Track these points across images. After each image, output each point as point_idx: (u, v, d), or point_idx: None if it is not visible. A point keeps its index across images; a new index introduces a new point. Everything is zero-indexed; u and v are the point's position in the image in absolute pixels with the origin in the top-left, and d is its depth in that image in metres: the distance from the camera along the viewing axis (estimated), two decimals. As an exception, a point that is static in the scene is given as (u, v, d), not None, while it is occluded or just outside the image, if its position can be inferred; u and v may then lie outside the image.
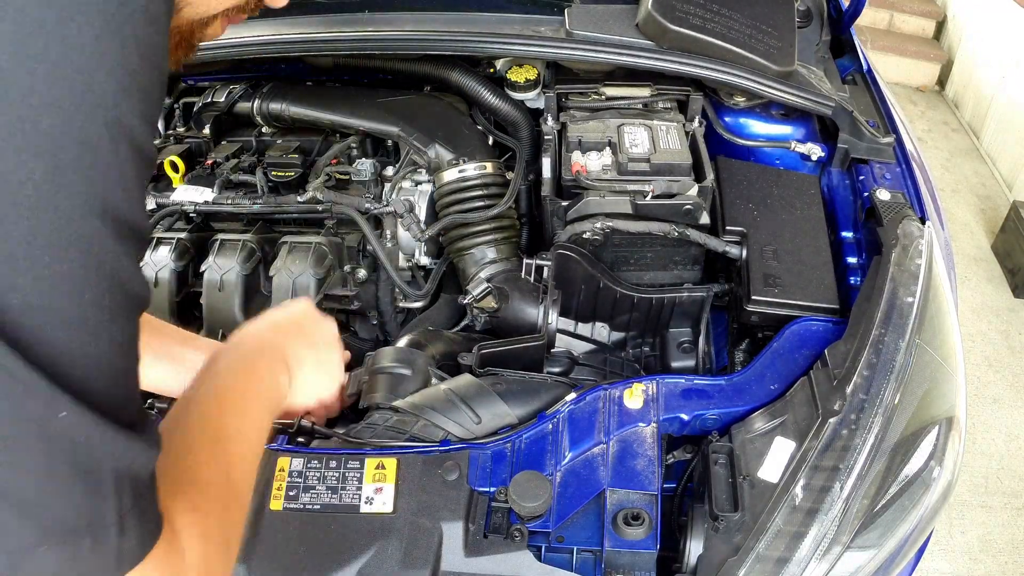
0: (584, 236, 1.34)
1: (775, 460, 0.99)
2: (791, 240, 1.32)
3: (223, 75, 1.87)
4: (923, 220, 1.27)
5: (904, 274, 1.14)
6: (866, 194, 1.35)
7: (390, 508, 0.96)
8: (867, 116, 1.53)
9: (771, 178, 1.45)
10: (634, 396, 1.08)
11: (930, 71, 4.79)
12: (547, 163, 1.42)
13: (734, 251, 1.33)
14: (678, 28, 1.44)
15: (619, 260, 1.41)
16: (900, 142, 1.49)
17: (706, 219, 1.36)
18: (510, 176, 1.53)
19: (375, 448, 1.03)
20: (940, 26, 4.85)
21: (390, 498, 0.97)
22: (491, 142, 1.61)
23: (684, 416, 1.08)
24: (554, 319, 1.30)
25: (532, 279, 1.38)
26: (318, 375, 0.96)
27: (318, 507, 0.97)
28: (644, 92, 1.55)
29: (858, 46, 1.80)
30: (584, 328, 1.44)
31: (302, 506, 0.97)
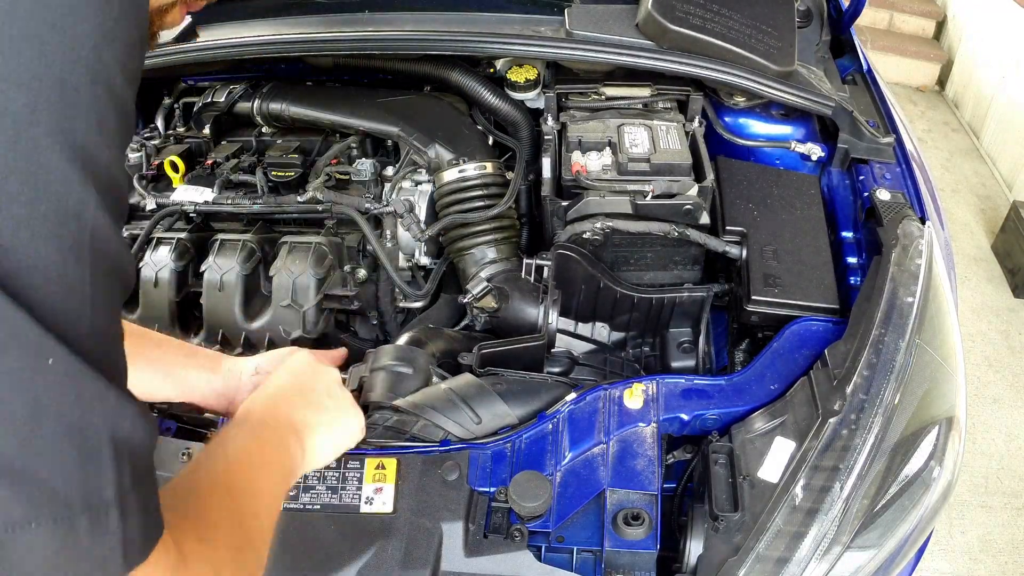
0: (584, 236, 1.34)
1: (775, 460, 0.99)
2: (791, 240, 1.32)
3: (223, 75, 1.87)
4: (923, 220, 1.27)
5: (904, 274, 1.14)
6: (866, 194, 1.35)
7: (390, 508, 0.96)
8: (867, 116, 1.53)
9: (771, 178, 1.45)
10: (634, 396, 1.08)
11: (930, 71, 4.79)
12: (547, 163, 1.42)
13: (734, 251, 1.33)
14: (678, 28, 1.44)
15: (619, 260, 1.41)
16: (900, 142, 1.49)
17: (706, 219, 1.36)
18: (510, 176, 1.53)
19: (375, 448, 1.03)
20: (940, 26, 4.84)
21: (390, 498, 0.97)
22: (491, 142, 1.61)
23: (684, 416, 1.08)
24: (554, 319, 1.30)
25: (532, 279, 1.38)
26: (332, 434, 0.90)
27: (318, 507, 0.97)
28: (644, 92, 1.55)
29: (858, 46, 1.80)
30: (584, 328, 1.44)
31: (302, 506, 0.97)
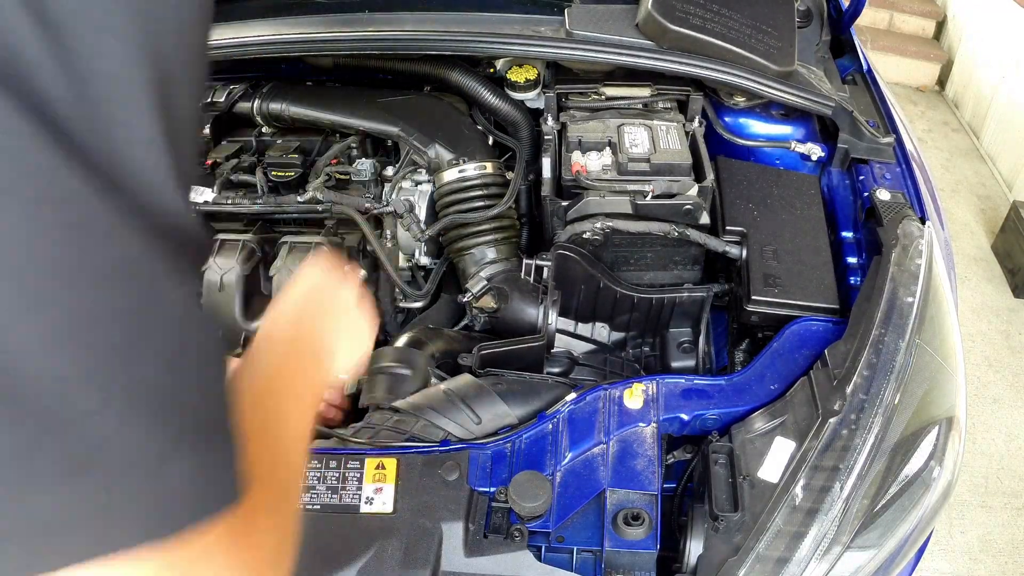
0: (584, 236, 1.34)
1: (775, 460, 0.99)
2: (791, 240, 1.32)
3: (223, 75, 1.87)
4: (923, 220, 1.27)
5: (904, 274, 1.14)
6: (866, 194, 1.35)
7: (390, 508, 0.96)
8: (867, 116, 1.53)
9: (771, 178, 1.45)
10: (634, 396, 1.08)
11: (930, 71, 4.78)
12: (547, 163, 1.42)
13: (734, 251, 1.33)
14: (678, 28, 1.44)
15: (619, 260, 1.41)
16: (900, 142, 1.49)
17: (706, 219, 1.36)
18: (510, 176, 1.53)
19: (375, 448, 1.03)
20: (940, 26, 4.84)
21: (390, 498, 0.97)
22: (491, 142, 1.61)
23: (684, 416, 1.08)
24: (554, 319, 1.30)
25: (532, 279, 1.38)
26: (352, 347, 0.94)
27: (318, 507, 0.97)
28: (644, 92, 1.55)
29: (858, 46, 1.80)
30: (584, 328, 1.44)
31: (302, 506, 0.97)
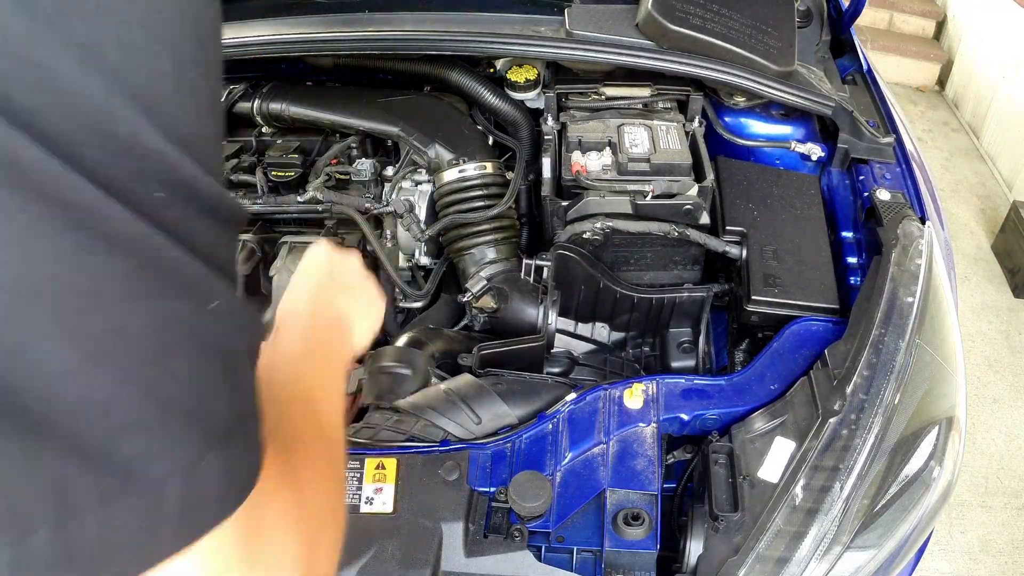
0: (584, 236, 1.34)
1: (775, 460, 0.99)
2: (791, 240, 1.32)
3: (223, 75, 1.86)
4: (923, 220, 1.27)
5: (904, 274, 1.14)
6: (866, 194, 1.35)
7: (390, 508, 0.96)
8: (867, 116, 1.53)
9: (771, 178, 1.45)
10: (634, 396, 1.08)
11: (930, 71, 4.79)
12: (547, 163, 1.42)
13: (734, 251, 1.33)
14: (678, 28, 1.44)
15: (619, 260, 1.41)
16: (900, 142, 1.49)
17: (706, 219, 1.36)
18: (510, 176, 1.53)
19: (375, 448, 1.03)
20: (940, 26, 4.84)
21: (390, 498, 0.97)
22: (491, 142, 1.61)
23: (684, 416, 1.08)
24: (554, 319, 1.30)
25: (532, 279, 1.38)
26: (369, 318, 0.95)
27: (318, 507, 0.97)
28: (644, 92, 1.55)
29: (858, 46, 1.80)
30: (584, 328, 1.44)
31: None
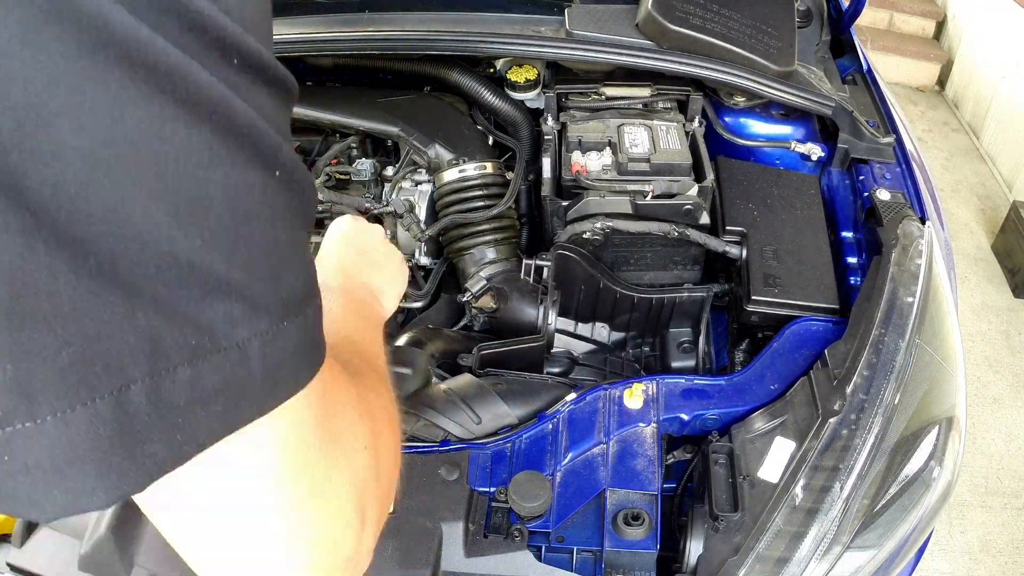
0: (584, 236, 1.34)
1: (775, 460, 0.99)
2: (791, 240, 1.32)
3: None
4: (923, 220, 1.27)
5: (904, 274, 1.14)
6: (866, 194, 1.35)
7: (390, 508, 0.96)
8: (867, 116, 1.53)
9: (771, 178, 1.45)
10: (634, 396, 1.08)
11: (930, 71, 4.79)
12: (547, 163, 1.42)
13: (734, 251, 1.33)
14: (678, 28, 1.44)
15: (619, 260, 1.41)
16: (900, 142, 1.49)
17: (706, 219, 1.36)
18: (510, 176, 1.53)
19: (375, 448, 1.03)
20: (940, 26, 4.84)
21: (390, 498, 0.97)
22: (491, 142, 1.61)
23: (684, 416, 1.08)
24: (553, 319, 1.30)
25: (532, 279, 1.38)
26: (396, 286, 0.96)
27: (318, 507, 0.97)
28: (644, 92, 1.55)
29: (858, 46, 1.80)
30: (584, 328, 1.44)
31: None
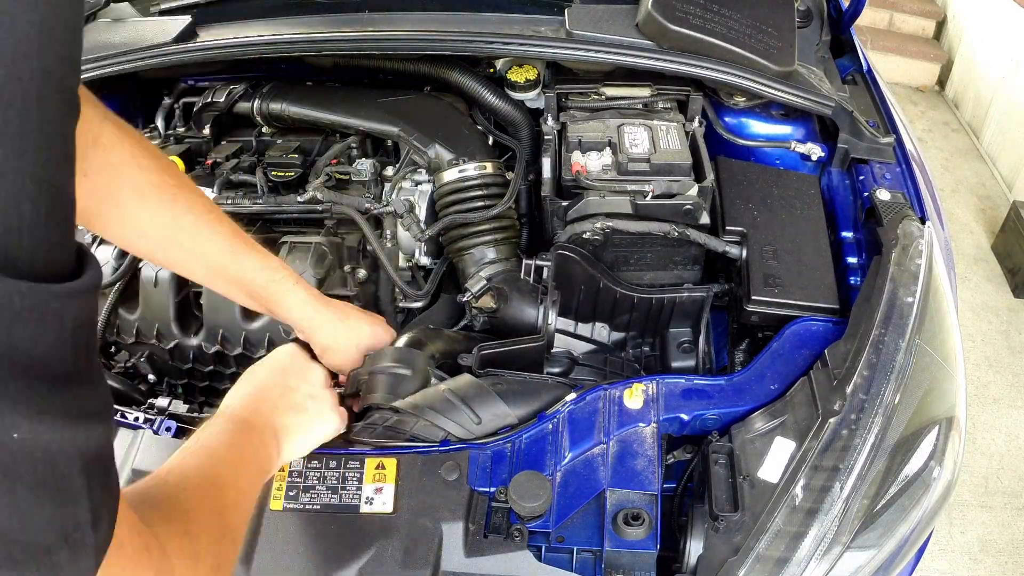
0: (584, 236, 1.34)
1: (775, 460, 0.99)
2: (791, 240, 1.32)
3: (223, 75, 1.87)
4: (923, 220, 1.27)
5: (904, 274, 1.14)
6: (866, 194, 1.35)
7: (390, 508, 0.96)
8: (867, 116, 1.53)
9: (771, 178, 1.45)
10: (634, 396, 1.08)
11: (930, 71, 4.79)
12: (547, 163, 1.42)
13: (734, 251, 1.33)
14: (678, 28, 1.44)
15: (619, 260, 1.41)
16: (900, 142, 1.49)
17: (706, 219, 1.36)
18: (510, 176, 1.53)
19: (375, 448, 1.03)
20: (940, 26, 4.84)
21: (390, 498, 0.97)
22: (491, 142, 1.61)
23: (684, 416, 1.08)
24: (553, 319, 1.30)
25: (532, 279, 1.38)
26: (308, 435, 0.97)
27: (318, 507, 0.97)
28: (644, 92, 1.55)
29: (858, 46, 1.80)
30: (584, 328, 1.44)
31: (302, 506, 0.97)
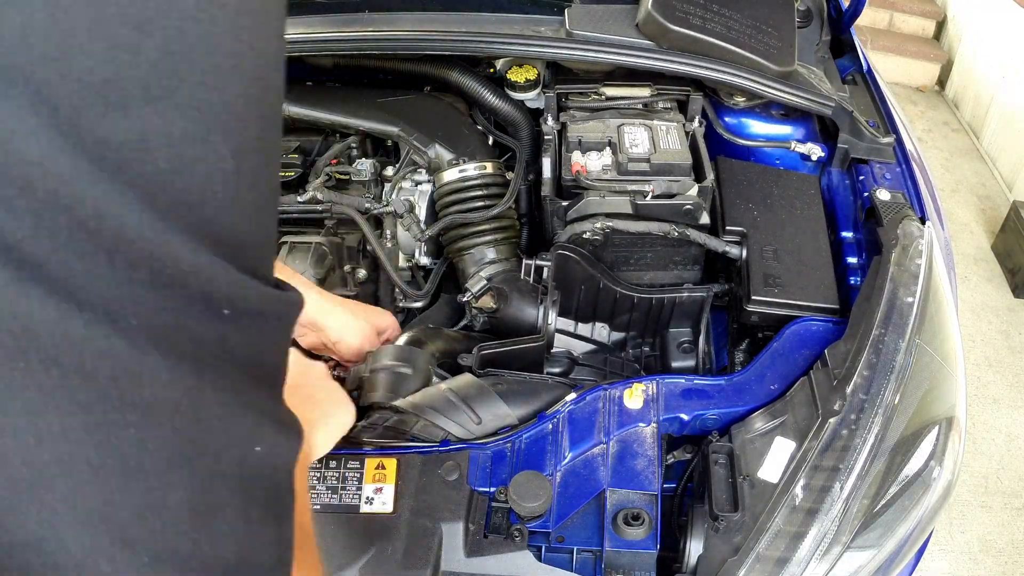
0: (584, 236, 1.34)
1: (775, 460, 0.99)
2: (791, 240, 1.32)
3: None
4: (923, 220, 1.27)
5: (904, 274, 1.14)
6: (866, 194, 1.35)
7: (390, 508, 0.96)
8: (867, 116, 1.53)
9: (771, 178, 1.45)
10: (634, 396, 1.08)
11: (930, 71, 4.78)
12: (547, 163, 1.42)
13: (734, 251, 1.33)
14: (678, 28, 1.44)
15: (619, 260, 1.41)
16: (900, 142, 1.49)
17: (706, 219, 1.36)
18: (510, 176, 1.53)
19: (375, 448, 1.03)
20: (940, 26, 4.84)
21: (390, 498, 0.97)
22: (491, 142, 1.61)
23: (684, 416, 1.08)
24: (553, 319, 1.30)
25: (532, 279, 1.38)
26: (328, 427, 0.93)
27: (318, 507, 0.97)
28: (644, 92, 1.55)
29: (858, 46, 1.80)
30: (584, 328, 1.44)
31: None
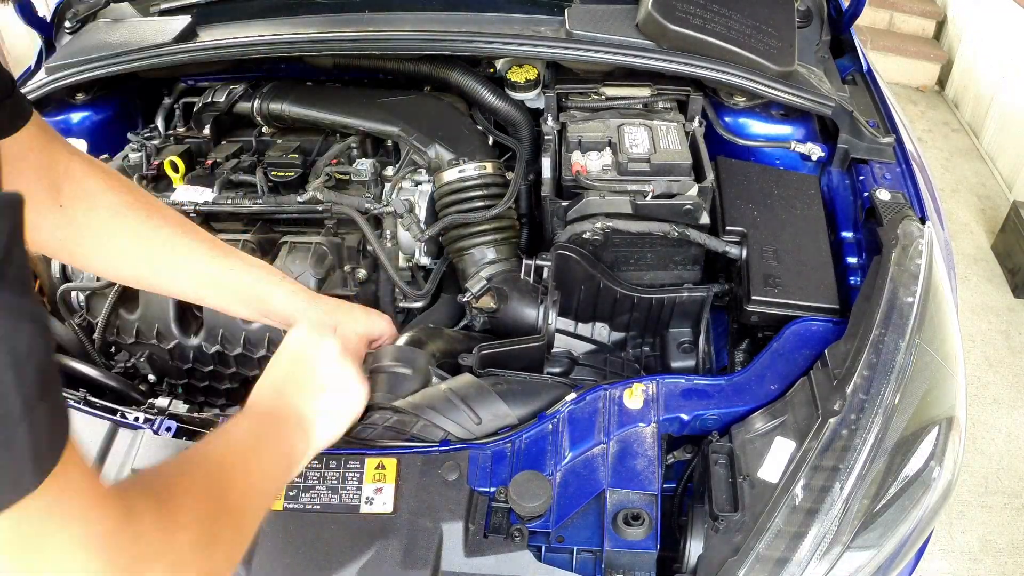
0: (584, 236, 1.34)
1: (775, 460, 0.99)
2: (791, 240, 1.32)
3: (223, 75, 1.87)
4: (923, 220, 1.27)
5: (904, 274, 1.14)
6: (866, 194, 1.35)
7: (390, 508, 0.96)
8: (867, 116, 1.53)
9: (771, 178, 1.45)
10: (634, 396, 1.08)
11: (930, 71, 4.79)
12: (547, 163, 1.42)
13: (734, 251, 1.33)
14: (678, 28, 1.44)
15: (619, 260, 1.41)
16: (900, 142, 1.49)
17: (706, 219, 1.36)
18: (510, 176, 1.53)
19: (375, 448, 1.03)
20: (940, 26, 4.84)
21: (390, 498, 0.97)
22: (491, 142, 1.61)
23: (684, 416, 1.08)
24: (554, 319, 1.30)
25: (532, 279, 1.38)
26: (336, 415, 0.94)
27: (318, 507, 0.97)
28: (644, 92, 1.55)
29: (858, 46, 1.80)
30: (584, 328, 1.44)
31: (302, 506, 0.97)
